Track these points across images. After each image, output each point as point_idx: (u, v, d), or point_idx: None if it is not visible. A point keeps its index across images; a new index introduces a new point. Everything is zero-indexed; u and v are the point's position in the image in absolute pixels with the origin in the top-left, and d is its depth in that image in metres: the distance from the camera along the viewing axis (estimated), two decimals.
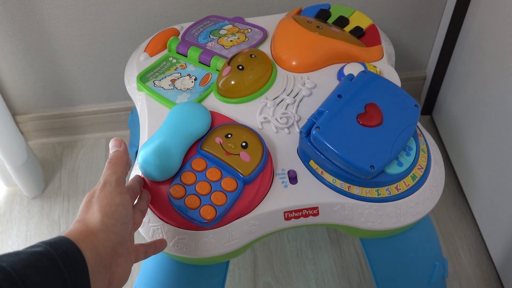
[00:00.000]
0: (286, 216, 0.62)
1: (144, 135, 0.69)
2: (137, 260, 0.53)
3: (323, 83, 0.72)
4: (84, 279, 0.42)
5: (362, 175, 0.59)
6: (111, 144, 0.56)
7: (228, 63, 0.71)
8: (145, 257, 0.55)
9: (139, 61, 0.79)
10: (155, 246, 0.56)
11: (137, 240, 0.54)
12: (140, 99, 0.74)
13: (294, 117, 0.68)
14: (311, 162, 0.63)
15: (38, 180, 1.11)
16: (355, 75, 0.65)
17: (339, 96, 0.62)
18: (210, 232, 0.59)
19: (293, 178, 0.63)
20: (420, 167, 0.63)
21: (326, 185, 0.62)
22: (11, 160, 1.02)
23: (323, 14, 0.81)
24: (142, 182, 0.60)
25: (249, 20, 0.84)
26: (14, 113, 1.14)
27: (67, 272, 0.40)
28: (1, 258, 0.39)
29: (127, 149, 0.56)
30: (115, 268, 0.47)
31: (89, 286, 0.42)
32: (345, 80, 0.64)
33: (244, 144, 0.62)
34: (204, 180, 0.60)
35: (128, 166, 0.54)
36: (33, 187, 1.09)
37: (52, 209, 1.09)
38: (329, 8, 0.82)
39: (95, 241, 0.45)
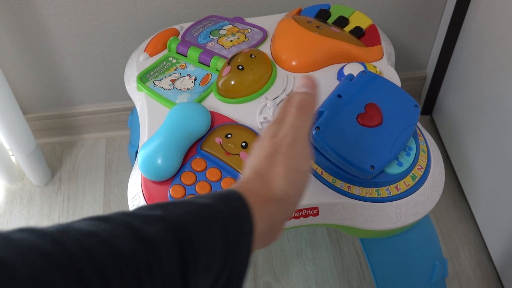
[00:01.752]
0: None
1: (144, 135, 0.69)
2: None
3: (323, 83, 0.72)
4: (247, 246, 0.37)
5: (362, 175, 0.59)
6: (303, 81, 0.46)
7: (228, 63, 0.71)
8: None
9: (139, 61, 0.79)
10: None
11: None
12: (140, 99, 0.74)
13: None
14: (311, 162, 0.63)
15: (45, 169, 1.12)
16: (355, 75, 0.65)
17: (339, 96, 0.62)
18: None
19: None
20: (420, 167, 0.63)
21: (326, 185, 0.62)
22: (20, 149, 1.03)
23: (323, 14, 0.81)
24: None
25: (249, 20, 0.84)
26: None
27: (232, 236, 0.36)
28: (169, 208, 0.35)
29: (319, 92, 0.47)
30: (276, 234, 0.42)
31: (250, 254, 0.37)
32: (345, 80, 0.64)
33: (244, 144, 0.62)
34: (204, 180, 0.60)
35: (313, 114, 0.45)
36: (42, 175, 1.11)
37: (52, 209, 1.09)
38: (329, 8, 0.82)
39: (273, 210, 0.40)
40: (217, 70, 0.75)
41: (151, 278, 0.31)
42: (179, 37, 0.81)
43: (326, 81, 0.72)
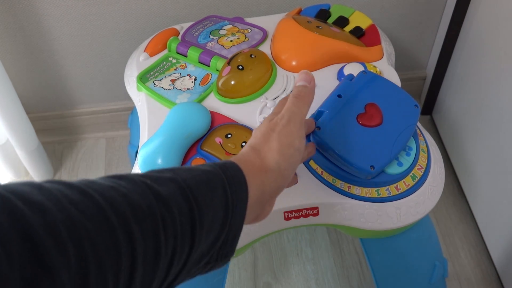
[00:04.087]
0: (286, 216, 0.62)
1: (144, 135, 0.69)
2: None
3: (323, 83, 0.72)
4: (242, 210, 0.41)
5: (362, 175, 0.59)
6: (301, 76, 0.51)
7: (228, 63, 0.71)
8: None
9: (139, 61, 0.79)
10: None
11: None
12: (140, 99, 0.74)
13: None
14: (311, 162, 0.63)
15: (48, 167, 1.12)
16: (355, 75, 0.65)
17: (339, 96, 0.62)
18: None
19: None
20: (420, 167, 0.63)
21: (326, 185, 0.62)
22: (23, 146, 1.03)
23: (323, 14, 0.81)
24: (312, 125, 0.58)
25: (249, 20, 0.84)
26: None
27: (231, 201, 0.40)
28: (177, 171, 0.38)
29: (314, 87, 0.52)
30: (268, 207, 0.47)
31: (244, 218, 0.41)
32: (345, 80, 0.64)
33: (244, 144, 0.62)
34: None
35: (310, 106, 0.50)
36: (44, 172, 1.11)
37: None
38: (329, 8, 0.82)
39: (264, 179, 0.44)
40: (217, 70, 0.75)
41: (165, 232, 0.34)
42: (179, 37, 0.81)
43: (326, 81, 0.72)
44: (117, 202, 0.32)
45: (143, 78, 0.75)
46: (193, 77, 0.75)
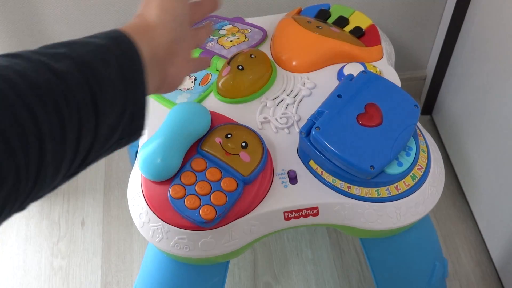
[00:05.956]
0: (286, 216, 0.62)
1: (144, 135, 0.68)
2: (191, 71, 0.55)
3: (323, 83, 0.72)
4: (140, 77, 0.42)
5: (362, 175, 0.59)
6: None
7: (228, 63, 0.71)
8: (195, 69, 0.57)
9: None
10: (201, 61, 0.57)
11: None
12: None
13: (294, 117, 0.68)
14: (311, 162, 0.63)
15: None
16: (355, 75, 0.65)
17: (339, 96, 0.62)
18: (210, 232, 0.59)
19: (293, 178, 0.63)
20: (420, 167, 0.63)
21: (326, 185, 0.62)
22: None
23: (323, 14, 0.81)
24: None
25: (249, 20, 0.84)
26: None
27: (126, 70, 0.40)
28: (72, 46, 0.39)
29: None
30: (169, 67, 0.48)
31: (145, 88, 0.42)
32: (345, 80, 0.64)
33: (244, 144, 0.62)
34: (204, 180, 0.60)
35: None
36: None
37: (52, 209, 1.09)
38: (329, 8, 0.82)
39: (152, 35, 0.45)
40: (217, 70, 0.75)
41: (68, 106, 0.35)
42: None
43: (326, 81, 0.72)
44: (14, 81, 0.32)
45: None
46: (193, 77, 0.75)
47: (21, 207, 0.34)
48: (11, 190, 0.32)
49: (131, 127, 0.42)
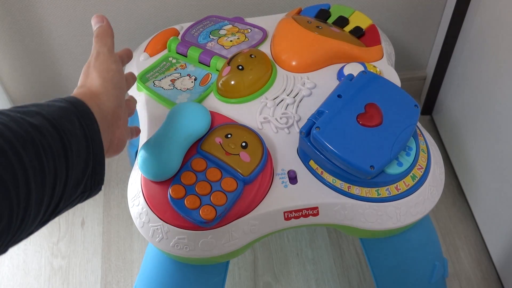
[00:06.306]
0: (286, 216, 0.62)
1: (144, 135, 0.69)
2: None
3: (323, 83, 0.72)
4: (98, 136, 0.46)
5: (362, 175, 0.59)
6: (94, 21, 0.57)
7: (228, 63, 0.71)
8: (131, 135, 0.61)
9: (139, 61, 0.79)
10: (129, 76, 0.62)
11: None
12: (140, 99, 0.74)
13: (294, 117, 0.68)
14: (311, 162, 0.63)
15: None
16: (355, 75, 0.65)
17: (339, 96, 0.62)
18: (210, 232, 0.59)
19: (293, 178, 0.63)
20: (420, 167, 0.63)
21: (326, 185, 0.62)
22: None
23: (323, 14, 0.81)
24: (130, 55, 0.63)
25: (249, 20, 0.84)
26: None
27: (87, 128, 0.45)
28: (39, 106, 0.43)
29: (110, 23, 0.58)
30: (116, 130, 0.52)
31: (102, 145, 0.47)
32: (345, 80, 0.64)
33: (244, 144, 0.62)
34: (204, 180, 0.60)
35: (113, 38, 0.57)
36: None
37: None
38: (329, 8, 0.82)
39: (99, 101, 0.49)
40: (217, 70, 0.75)
41: (46, 154, 0.39)
42: (179, 37, 0.81)
43: (326, 81, 0.72)
44: (1, 130, 0.37)
45: (143, 78, 0.75)
46: (193, 77, 0.75)
47: (5, 248, 0.38)
48: (4, 229, 0.35)
49: (92, 181, 0.46)
